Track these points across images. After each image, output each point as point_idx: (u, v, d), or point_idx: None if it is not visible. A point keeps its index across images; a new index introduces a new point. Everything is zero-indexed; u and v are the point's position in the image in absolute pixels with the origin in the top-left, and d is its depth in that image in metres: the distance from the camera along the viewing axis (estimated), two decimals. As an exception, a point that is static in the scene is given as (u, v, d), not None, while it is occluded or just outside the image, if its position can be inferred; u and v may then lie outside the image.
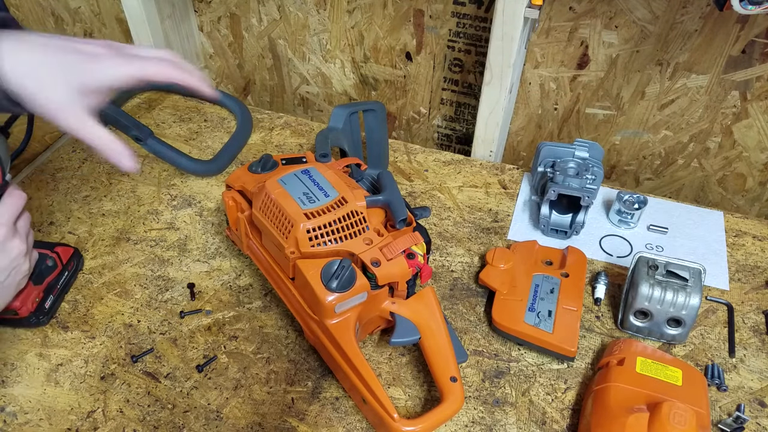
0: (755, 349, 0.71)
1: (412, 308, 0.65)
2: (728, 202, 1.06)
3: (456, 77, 1.08)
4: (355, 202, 0.65)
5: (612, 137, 1.05)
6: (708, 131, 0.98)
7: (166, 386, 0.66)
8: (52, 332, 0.71)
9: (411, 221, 0.67)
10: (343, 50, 1.12)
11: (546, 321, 0.69)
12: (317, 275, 0.61)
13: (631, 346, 0.66)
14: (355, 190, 0.67)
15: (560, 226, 0.84)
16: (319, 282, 0.60)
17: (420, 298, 0.66)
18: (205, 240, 0.83)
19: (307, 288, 0.61)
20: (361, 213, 0.65)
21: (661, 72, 0.94)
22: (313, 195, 0.66)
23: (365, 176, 0.75)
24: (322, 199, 0.65)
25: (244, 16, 1.15)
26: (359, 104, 0.87)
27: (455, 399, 0.59)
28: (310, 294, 0.61)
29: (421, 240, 0.66)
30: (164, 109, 1.08)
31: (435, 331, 0.64)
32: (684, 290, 0.67)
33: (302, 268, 0.62)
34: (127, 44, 0.59)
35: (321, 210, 0.64)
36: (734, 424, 0.62)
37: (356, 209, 0.65)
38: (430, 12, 1.01)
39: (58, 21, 1.31)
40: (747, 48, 0.88)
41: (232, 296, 0.76)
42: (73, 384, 0.66)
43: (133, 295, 0.76)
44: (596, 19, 0.92)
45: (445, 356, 0.62)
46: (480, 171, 0.96)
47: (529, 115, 1.07)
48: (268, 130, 1.04)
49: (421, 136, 1.20)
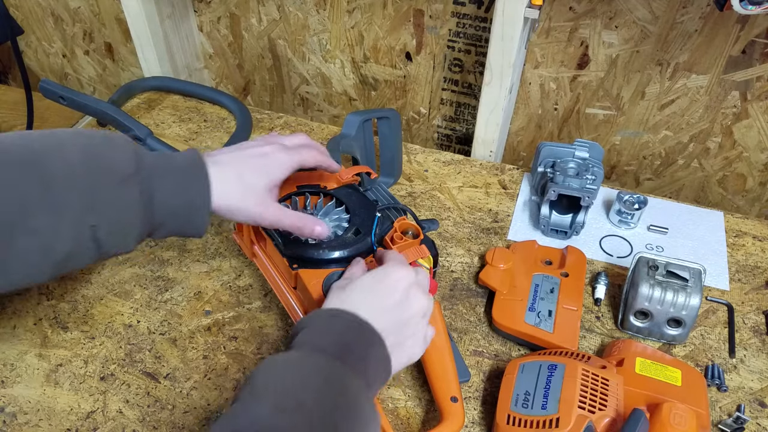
0: (755, 350, 0.71)
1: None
2: (728, 203, 1.06)
3: (456, 77, 1.08)
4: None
5: (612, 137, 1.05)
6: (708, 131, 0.98)
7: (165, 387, 0.66)
8: (52, 332, 0.71)
9: (418, 233, 0.66)
10: (343, 50, 1.12)
11: (546, 321, 0.69)
12: (319, 285, 0.60)
13: (630, 346, 0.66)
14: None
15: (560, 226, 0.84)
16: (321, 292, 0.60)
17: None
18: (205, 240, 0.83)
19: (309, 298, 0.61)
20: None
21: (662, 72, 0.94)
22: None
23: (375, 185, 0.74)
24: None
25: (243, 16, 1.15)
26: (373, 111, 0.86)
27: (455, 420, 0.58)
28: (311, 304, 0.61)
29: (428, 253, 0.64)
30: (164, 109, 1.08)
31: (438, 347, 0.62)
32: (684, 290, 0.67)
33: (304, 278, 0.61)
34: (273, 134, 0.67)
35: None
36: (734, 425, 0.62)
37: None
38: (430, 12, 1.01)
39: (57, 21, 1.31)
40: (747, 48, 0.88)
41: (232, 296, 0.76)
42: (72, 384, 0.66)
43: (133, 295, 0.76)
44: (596, 19, 0.92)
45: (446, 375, 0.61)
46: (480, 171, 0.96)
47: (529, 115, 1.07)
48: (268, 130, 1.04)
49: (421, 136, 1.20)
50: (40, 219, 0.48)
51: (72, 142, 0.52)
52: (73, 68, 1.40)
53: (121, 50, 1.31)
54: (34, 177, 0.48)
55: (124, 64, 1.34)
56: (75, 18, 1.29)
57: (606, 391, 0.56)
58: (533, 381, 0.59)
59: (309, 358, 0.47)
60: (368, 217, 0.67)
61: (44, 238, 0.48)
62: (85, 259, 0.52)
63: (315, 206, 0.69)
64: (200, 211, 0.56)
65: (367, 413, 0.47)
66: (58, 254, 0.50)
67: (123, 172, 0.52)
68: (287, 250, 0.64)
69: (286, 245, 0.65)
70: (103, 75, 1.39)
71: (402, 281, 0.55)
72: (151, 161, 0.55)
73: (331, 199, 0.70)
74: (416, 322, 0.55)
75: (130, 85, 1.10)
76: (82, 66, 1.39)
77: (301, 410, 0.43)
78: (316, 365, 0.47)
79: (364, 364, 0.49)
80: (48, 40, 1.36)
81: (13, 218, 0.47)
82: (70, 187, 0.49)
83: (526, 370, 0.61)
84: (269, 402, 0.43)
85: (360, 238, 0.65)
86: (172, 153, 0.58)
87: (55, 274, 0.51)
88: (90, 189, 0.50)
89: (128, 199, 0.52)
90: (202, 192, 0.56)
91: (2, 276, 0.48)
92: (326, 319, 0.52)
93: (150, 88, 1.12)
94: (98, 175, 0.51)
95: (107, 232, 0.52)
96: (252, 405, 0.43)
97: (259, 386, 0.45)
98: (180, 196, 0.55)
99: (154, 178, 0.54)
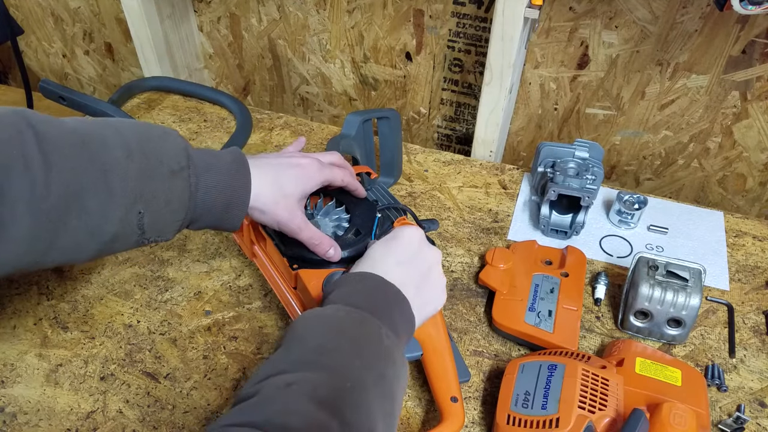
0: (755, 350, 0.71)
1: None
2: (728, 203, 1.06)
3: (456, 77, 1.08)
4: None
5: (612, 137, 1.05)
6: (708, 131, 0.98)
7: (165, 387, 0.66)
8: (52, 332, 0.71)
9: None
10: (343, 50, 1.12)
11: (546, 321, 0.69)
12: (319, 285, 0.60)
13: (630, 346, 0.66)
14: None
15: (560, 226, 0.84)
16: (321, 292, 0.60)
17: None
18: (205, 240, 0.83)
19: (309, 298, 0.61)
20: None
21: (661, 72, 0.94)
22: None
23: (375, 185, 0.74)
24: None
25: (243, 16, 1.15)
26: (373, 111, 0.87)
27: (455, 420, 0.58)
28: (311, 304, 0.61)
29: None
30: (164, 110, 1.08)
31: (438, 348, 0.62)
32: (684, 290, 0.67)
33: (304, 278, 0.62)
34: (308, 153, 0.68)
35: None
36: (734, 425, 0.62)
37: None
38: (430, 12, 1.01)
39: (57, 21, 1.31)
40: (747, 48, 0.88)
41: (232, 296, 0.76)
42: (72, 384, 0.66)
43: (133, 295, 0.76)
44: (596, 19, 0.92)
45: (447, 375, 0.61)
46: (480, 171, 0.96)
47: (529, 116, 1.07)
48: (268, 130, 1.04)
49: (421, 136, 1.20)
50: (94, 200, 0.50)
51: (130, 132, 0.55)
52: (73, 68, 1.41)
53: (121, 50, 1.31)
54: (97, 161, 0.51)
55: (124, 64, 1.34)
56: (75, 18, 1.29)
57: (606, 391, 0.57)
58: (533, 381, 0.59)
59: (343, 310, 0.51)
60: (368, 217, 0.67)
61: (95, 218, 0.51)
62: (128, 243, 0.55)
63: (315, 206, 0.69)
64: (239, 207, 0.59)
65: (400, 361, 0.50)
66: (105, 235, 0.52)
67: (174, 165, 0.55)
68: (287, 250, 0.64)
69: (286, 245, 0.65)
70: (103, 75, 1.39)
71: (413, 237, 0.60)
72: (199, 157, 0.58)
73: (332, 200, 0.70)
74: (435, 272, 0.60)
75: (131, 85, 1.10)
76: (82, 66, 1.39)
77: (341, 352, 0.46)
78: (351, 316, 0.50)
79: (392, 319, 0.52)
80: (48, 40, 1.36)
81: (72, 197, 0.49)
82: (124, 174, 0.52)
83: (526, 370, 0.61)
84: (311, 344, 0.47)
85: (360, 238, 0.65)
86: (218, 151, 0.61)
87: (97, 254, 0.54)
88: (142, 178, 0.53)
89: (176, 191, 0.55)
90: (244, 190, 0.59)
91: (50, 252, 0.50)
92: (354, 280, 0.56)
93: (150, 88, 1.12)
94: (151, 166, 0.54)
95: (152, 220, 0.55)
96: (294, 347, 0.47)
97: (299, 333, 0.48)
98: (223, 192, 0.58)
99: (201, 174, 0.57)
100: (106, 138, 0.53)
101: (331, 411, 0.40)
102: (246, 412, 0.40)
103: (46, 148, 0.48)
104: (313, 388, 0.42)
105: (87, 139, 0.51)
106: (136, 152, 0.53)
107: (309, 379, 0.43)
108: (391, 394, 0.47)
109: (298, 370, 0.43)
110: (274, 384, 0.42)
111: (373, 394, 0.44)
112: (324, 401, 0.41)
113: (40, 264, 0.51)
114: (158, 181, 0.54)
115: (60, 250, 0.51)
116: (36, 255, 0.50)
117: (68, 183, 0.49)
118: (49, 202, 0.48)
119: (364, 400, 0.43)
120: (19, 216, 0.46)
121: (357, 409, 0.42)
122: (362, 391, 0.44)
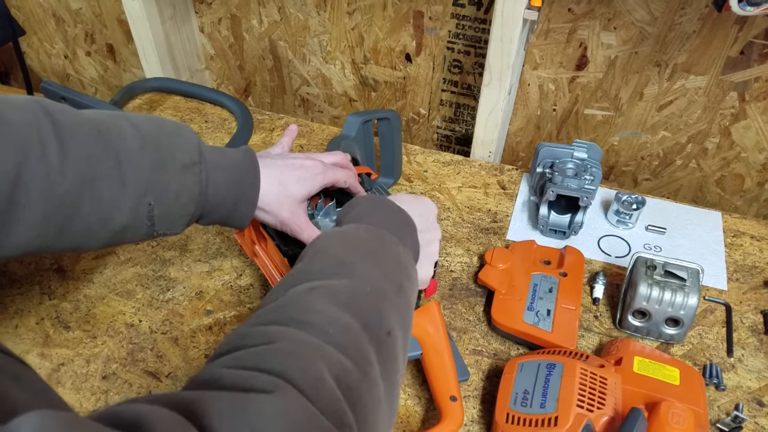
0: (753, 349, 0.71)
1: (416, 322, 0.63)
2: (726, 203, 1.06)
3: (455, 78, 1.08)
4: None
5: (610, 138, 1.05)
6: (706, 132, 0.99)
7: (167, 386, 0.67)
8: (54, 332, 0.72)
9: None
10: (343, 52, 1.13)
11: (545, 320, 0.69)
12: None
13: (629, 345, 0.66)
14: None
15: (559, 226, 0.85)
16: None
17: (424, 312, 0.64)
18: (206, 240, 0.83)
19: None
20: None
21: (660, 73, 0.94)
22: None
23: (376, 186, 0.75)
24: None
25: (244, 18, 1.16)
26: (373, 112, 0.87)
27: (453, 419, 0.59)
28: None
29: None
30: (165, 110, 1.08)
31: (438, 347, 0.63)
32: (682, 290, 0.67)
33: None
34: (311, 153, 0.70)
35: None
36: (732, 424, 0.63)
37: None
38: (429, 13, 1.02)
39: (59, 22, 1.31)
40: (745, 49, 0.88)
41: (233, 296, 0.76)
42: (74, 384, 0.67)
43: (135, 295, 0.76)
44: (595, 20, 0.92)
45: (446, 374, 0.62)
46: (479, 172, 0.96)
47: (528, 116, 1.08)
48: (269, 131, 1.04)
49: (421, 137, 1.20)
50: (107, 189, 0.52)
51: (145, 124, 0.56)
52: (74, 69, 1.41)
53: (123, 51, 1.31)
54: (111, 150, 0.52)
55: (126, 65, 1.34)
56: (76, 19, 1.29)
57: (604, 390, 0.57)
58: (532, 380, 0.60)
59: (363, 228, 0.52)
60: None
61: (107, 206, 0.52)
62: (138, 234, 0.56)
63: (315, 206, 0.70)
64: (248, 204, 0.61)
65: (414, 276, 0.52)
66: (116, 224, 0.54)
67: (187, 159, 0.56)
68: (288, 250, 0.65)
69: (287, 245, 0.65)
70: (104, 76, 1.39)
71: (411, 196, 0.62)
72: (211, 154, 0.59)
73: (332, 200, 0.71)
74: (434, 223, 0.61)
75: (132, 86, 1.10)
76: (83, 67, 1.39)
77: (361, 263, 0.47)
78: (370, 231, 0.51)
79: (405, 240, 0.53)
80: (50, 41, 1.36)
81: (86, 184, 0.50)
82: (138, 165, 0.53)
83: (525, 369, 0.62)
84: (332, 257, 0.47)
85: None
86: (229, 149, 0.62)
87: (107, 243, 0.55)
88: (155, 170, 0.54)
89: (187, 186, 0.56)
90: (253, 189, 0.61)
91: (61, 236, 0.51)
92: (369, 204, 0.56)
93: (151, 89, 1.12)
94: (164, 159, 0.55)
95: (162, 213, 0.56)
96: (317, 259, 0.48)
97: (321, 246, 0.49)
98: (233, 189, 0.59)
99: (212, 170, 0.58)
100: (121, 129, 0.54)
101: (353, 312, 0.42)
102: (270, 313, 0.41)
103: (62, 135, 0.49)
104: (335, 292, 0.43)
105: (102, 128, 0.52)
106: (150, 144, 0.54)
107: (331, 284, 0.44)
108: (408, 305, 0.49)
109: (320, 279, 0.44)
110: (297, 290, 0.43)
111: (391, 301, 0.46)
112: (346, 303, 0.42)
113: (50, 249, 0.52)
114: (170, 174, 0.55)
115: (71, 236, 0.52)
116: (47, 239, 0.51)
117: (83, 170, 0.50)
118: (63, 188, 0.49)
119: (383, 305, 0.45)
120: (33, 199, 0.48)
121: (377, 312, 0.44)
122: (382, 297, 0.45)
